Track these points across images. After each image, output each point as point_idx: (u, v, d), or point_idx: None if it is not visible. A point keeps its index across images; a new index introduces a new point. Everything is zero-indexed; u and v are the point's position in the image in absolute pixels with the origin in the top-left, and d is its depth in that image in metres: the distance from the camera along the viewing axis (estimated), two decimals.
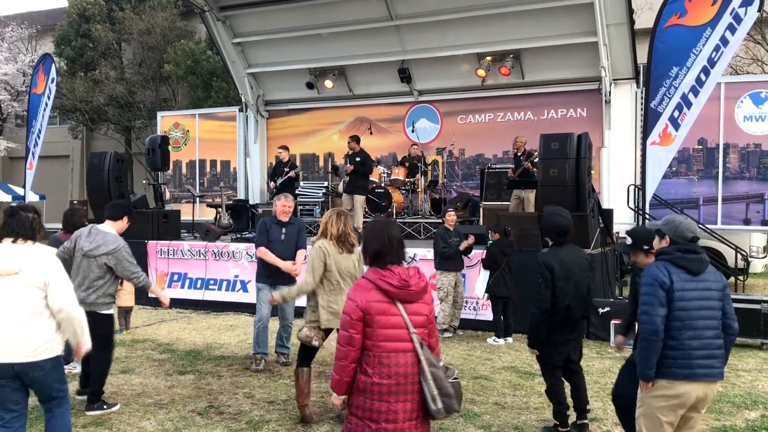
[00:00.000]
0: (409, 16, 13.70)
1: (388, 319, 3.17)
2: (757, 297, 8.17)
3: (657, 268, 3.68)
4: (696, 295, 3.61)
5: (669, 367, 3.59)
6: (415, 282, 3.23)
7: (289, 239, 6.79)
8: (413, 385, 3.16)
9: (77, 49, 25.27)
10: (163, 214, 11.89)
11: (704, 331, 3.59)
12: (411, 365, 3.16)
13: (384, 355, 3.16)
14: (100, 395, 5.59)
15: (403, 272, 3.25)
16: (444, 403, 3.14)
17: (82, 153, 28.53)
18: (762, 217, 11.81)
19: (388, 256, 3.27)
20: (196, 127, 16.82)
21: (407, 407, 3.15)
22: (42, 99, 13.86)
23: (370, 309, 3.16)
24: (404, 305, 3.20)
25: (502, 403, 5.81)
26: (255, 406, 5.72)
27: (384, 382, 3.14)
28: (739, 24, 8.36)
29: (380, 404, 3.15)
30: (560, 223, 4.91)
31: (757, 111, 11.76)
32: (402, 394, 3.15)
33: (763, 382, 6.52)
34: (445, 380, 3.17)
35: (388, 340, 3.17)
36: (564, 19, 12.54)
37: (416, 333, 3.18)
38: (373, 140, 14.72)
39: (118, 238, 5.57)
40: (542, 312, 4.76)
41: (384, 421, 3.14)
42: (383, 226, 3.39)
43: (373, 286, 3.21)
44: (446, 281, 8.41)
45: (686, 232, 3.74)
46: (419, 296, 3.24)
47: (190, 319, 9.84)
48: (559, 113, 13.85)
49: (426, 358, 3.17)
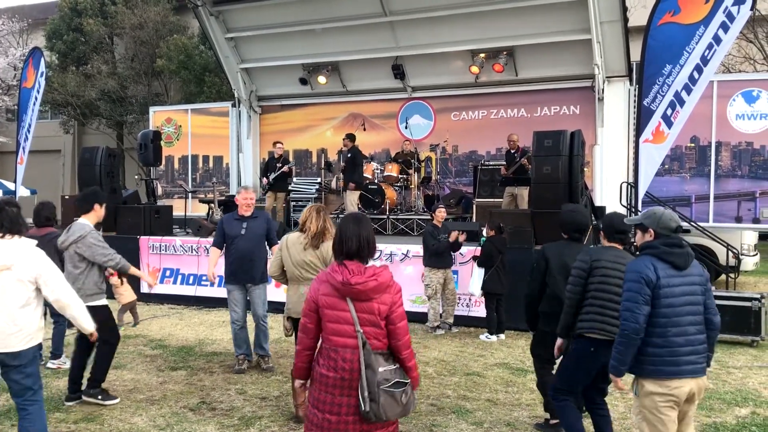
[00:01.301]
0: (403, 12, 13.67)
1: (336, 314, 3.22)
2: (747, 294, 8.21)
3: (643, 263, 3.57)
4: (681, 290, 3.52)
5: (656, 365, 3.52)
6: (361, 281, 3.19)
7: (252, 234, 6.51)
8: (358, 381, 3.16)
9: (69, 44, 25.11)
10: (155, 209, 11.84)
11: (688, 327, 3.52)
12: (357, 362, 3.16)
13: (332, 348, 3.22)
14: (100, 383, 5.61)
15: (356, 269, 3.23)
16: (371, 408, 3.11)
17: (73, 148, 28.39)
18: (753, 215, 11.87)
19: (343, 252, 3.30)
20: (189, 122, 16.74)
21: (351, 402, 3.17)
22: (32, 93, 13.76)
23: (319, 301, 3.26)
24: (354, 302, 3.20)
25: (495, 400, 5.82)
26: (247, 402, 5.71)
27: (330, 375, 3.20)
28: (732, 22, 8.38)
29: (326, 395, 3.21)
30: (579, 221, 4.93)
31: (749, 109, 11.81)
32: (347, 389, 3.17)
33: (753, 379, 6.56)
34: (376, 385, 3.13)
35: (336, 334, 3.21)
36: (558, 16, 12.54)
37: (362, 331, 3.17)
38: (366, 136, 14.68)
39: (84, 225, 5.55)
40: (528, 295, 4.95)
41: (328, 413, 3.19)
42: (343, 221, 3.42)
43: (326, 280, 3.29)
44: (434, 279, 8.40)
45: (669, 222, 3.64)
46: (367, 295, 3.19)
47: (182, 315, 9.81)
48: (552, 110, 13.86)
49: (364, 358, 3.15)
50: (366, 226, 3.37)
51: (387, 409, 3.13)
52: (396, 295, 3.28)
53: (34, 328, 4.00)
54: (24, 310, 3.93)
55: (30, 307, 3.97)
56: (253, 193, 6.81)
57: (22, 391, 4.01)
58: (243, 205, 6.59)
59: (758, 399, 5.90)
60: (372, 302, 3.20)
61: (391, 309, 3.23)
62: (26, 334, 3.94)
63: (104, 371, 5.64)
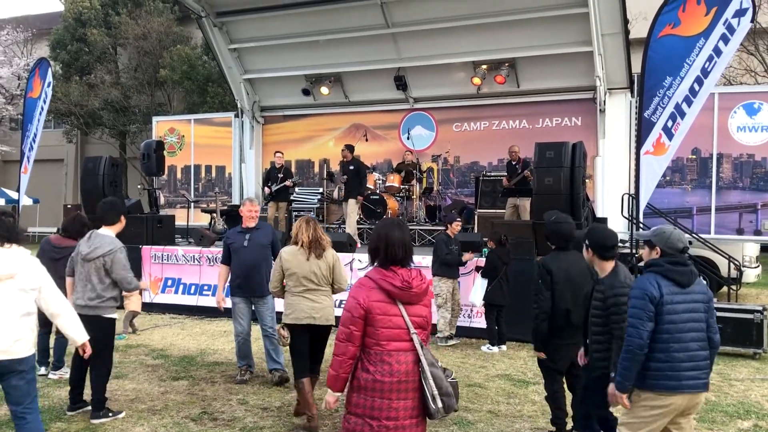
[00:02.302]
0: (406, 24, 13.75)
1: (389, 319, 3.23)
2: (750, 307, 8.19)
3: (647, 280, 3.66)
4: (684, 307, 3.61)
5: (657, 379, 3.60)
6: (417, 284, 3.28)
7: (255, 245, 6.46)
8: (414, 383, 3.22)
9: (73, 53, 25.26)
10: (158, 219, 11.86)
11: (691, 344, 3.60)
12: (412, 363, 3.22)
13: (386, 353, 3.22)
14: (104, 402, 5.54)
15: (406, 274, 3.29)
16: (444, 402, 3.20)
17: (76, 157, 28.48)
18: (755, 227, 11.88)
19: (391, 256, 3.31)
20: (192, 132, 16.81)
21: (408, 405, 3.21)
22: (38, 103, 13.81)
23: (372, 308, 3.23)
24: (405, 306, 3.26)
25: (496, 411, 5.81)
26: (249, 412, 5.70)
27: (386, 380, 3.20)
28: (732, 34, 8.41)
29: (381, 401, 3.20)
30: (562, 230, 4.99)
31: (750, 121, 11.85)
32: (403, 392, 3.21)
33: (755, 391, 6.54)
34: (445, 380, 3.23)
35: (390, 339, 3.23)
36: (559, 28, 12.61)
37: (416, 333, 3.24)
38: (368, 147, 14.74)
39: (115, 240, 5.58)
40: (542, 312, 4.82)
41: (385, 419, 3.19)
42: (386, 227, 3.42)
43: (376, 286, 3.26)
44: (444, 288, 8.40)
45: (677, 243, 3.72)
46: (420, 298, 3.29)
47: (183, 325, 9.81)
48: (554, 122, 13.91)
49: (426, 357, 3.23)
50: (407, 232, 3.44)
51: (456, 399, 3.27)
52: (430, 298, 3.43)
53: (33, 335, 4.10)
54: (25, 319, 3.99)
55: (32, 316, 4.05)
56: (258, 205, 6.75)
57: (22, 397, 4.03)
58: (247, 217, 6.55)
59: (761, 412, 5.89)
60: (420, 305, 3.30)
61: (430, 310, 3.39)
62: (27, 340, 4.01)
63: (104, 389, 5.56)
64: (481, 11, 12.90)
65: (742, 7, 8.34)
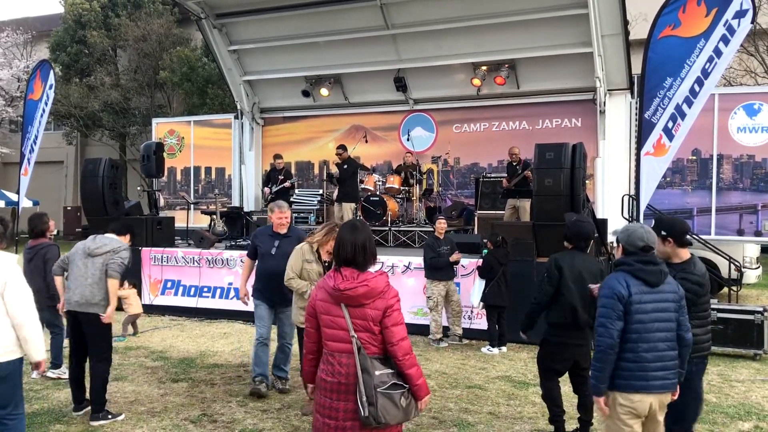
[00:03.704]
0: (405, 26, 13.75)
1: (332, 319, 3.27)
2: (750, 308, 8.18)
3: (616, 279, 3.66)
4: (653, 307, 3.60)
5: (626, 379, 3.60)
6: (350, 287, 3.22)
7: (282, 253, 6.08)
8: (355, 386, 3.18)
9: (72, 55, 25.28)
10: (158, 220, 11.86)
11: (658, 344, 3.59)
12: (354, 366, 3.19)
13: (329, 353, 3.28)
14: (104, 404, 5.52)
15: (349, 275, 3.26)
16: (370, 412, 3.12)
17: (76, 159, 28.49)
18: (755, 227, 11.87)
19: (340, 258, 3.36)
20: (191, 133, 16.81)
21: (348, 407, 3.20)
22: (39, 105, 13.79)
23: (316, 307, 3.34)
24: (348, 308, 3.24)
25: (497, 413, 5.80)
26: (248, 414, 5.69)
27: (328, 379, 3.25)
28: (732, 35, 8.40)
29: (325, 399, 3.26)
30: (585, 229, 5.07)
31: (750, 122, 11.84)
32: (344, 394, 3.20)
33: (756, 393, 6.53)
34: (374, 389, 3.14)
35: (333, 339, 3.27)
36: (559, 29, 12.60)
37: (356, 336, 3.20)
38: (368, 148, 14.73)
39: (121, 242, 5.74)
40: (538, 304, 4.96)
41: (327, 417, 3.24)
42: (342, 229, 3.46)
43: (322, 286, 3.36)
44: (435, 291, 8.40)
45: (637, 241, 3.70)
46: (358, 301, 3.22)
47: (183, 327, 9.79)
48: (554, 123, 13.90)
49: (360, 362, 3.18)
50: (362, 233, 3.37)
51: (386, 412, 3.14)
52: (391, 300, 3.28)
53: (10, 340, 3.86)
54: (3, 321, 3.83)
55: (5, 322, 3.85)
56: (288, 211, 6.46)
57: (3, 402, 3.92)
58: (277, 224, 6.35)
59: (761, 413, 5.87)
60: (365, 308, 3.23)
61: (385, 313, 3.24)
62: (5, 345, 3.84)
63: (104, 390, 5.54)
64: (481, 12, 12.89)
65: (742, 8, 8.33)
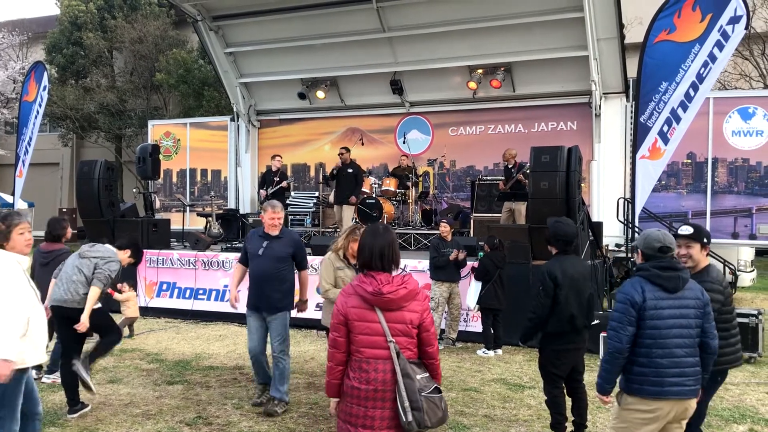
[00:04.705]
0: (402, 29, 13.75)
1: (366, 326, 3.20)
2: (745, 311, 8.21)
3: (632, 285, 3.65)
4: (671, 313, 3.56)
5: (641, 384, 3.58)
6: (392, 290, 3.20)
7: (270, 254, 5.81)
8: (392, 393, 3.16)
9: (68, 57, 25.23)
10: (153, 223, 11.85)
11: (676, 350, 3.55)
12: (390, 372, 3.15)
13: (364, 360, 3.19)
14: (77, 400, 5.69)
15: (385, 279, 3.23)
16: (414, 417, 3.10)
17: (71, 161, 28.43)
18: (750, 231, 11.90)
19: (370, 262, 3.30)
20: (187, 136, 16.78)
21: (385, 414, 3.15)
22: (33, 107, 13.78)
23: (348, 314, 3.23)
24: (384, 312, 3.20)
25: (492, 416, 5.81)
26: (244, 417, 5.69)
27: (362, 387, 3.17)
28: (726, 41, 8.45)
29: (358, 408, 3.18)
30: (567, 232, 4.99)
31: (745, 126, 11.88)
32: (380, 401, 3.16)
33: (750, 395, 6.55)
34: (418, 393, 3.13)
35: (368, 346, 3.19)
36: (555, 33, 12.63)
37: (393, 341, 3.17)
38: (364, 151, 14.74)
39: (116, 253, 5.83)
40: (537, 317, 4.88)
41: (361, 426, 3.17)
42: (369, 233, 3.41)
43: (354, 292, 3.26)
44: (438, 291, 8.41)
45: (653, 243, 3.67)
46: (398, 304, 3.20)
47: (178, 329, 9.78)
48: (549, 126, 13.92)
49: (401, 367, 3.15)
50: (387, 236, 3.37)
51: (431, 415, 3.14)
52: (425, 302, 3.30)
53: None
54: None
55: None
56: (281, 212, 6.00)
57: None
58: (269, 225, 5.93)
59: (756, 416, 5.90)
60: (402, 311, 3.21)
61: (422, 316, 3.25)
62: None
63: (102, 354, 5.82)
64: (477, 16, 12.91)
65: (736, 14, 8.39)
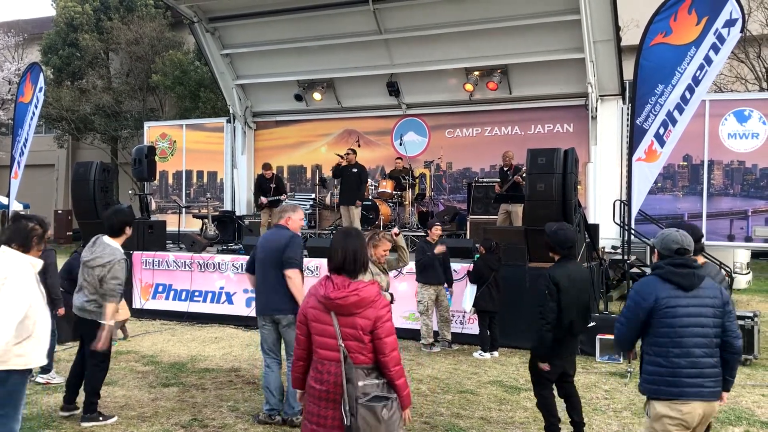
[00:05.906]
0: (398, 30, 13.77)
1: (322, 327, 3.27)
2: (740, 313, 8.20)
3: (646, 283, 3.63)
4: (686, 311, 3.48)
5: (658, 385, 3.50)
6: (341, 296, 3.20)
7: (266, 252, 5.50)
8: (341, 395, 3.17)
9: (64, 58, 25.19)
10: (149, 224, 11.81)
11: (694, 349, 3.45)
12: (341, 376, 3.18)
13: (319, 360, 3.27)
14: (96, 405, 5.52)
15: (340, 284, 3.25)
16: (351, 423, 3.10)
17: (67, 162, 28.37)
18: (745, 233, 11.92)
19: (331, 265, 3.36)
20: (183, 137, 16.76)
21: (336, 415, 3.18)
22: (29, 108, 13.74)
23: (307, 314, 3.33)
24: (338, 316, 3.22)
25: (488, 418, 5.80)
26: (239, 419, 5.67)
27: (317, 387, 3.24)
28: (722, 44, 8.49)
29: (313, 407, 3.26)
30: (568, 237, 4.96)
31: (741, 128, 11.91)
32: (332, 402, 3.20)
33: (746, 397, 6.56)
34: (355, 400, 3.11)
35: (322, 347, 3.26)
36: (551, 35, 12.65)
37: (343, 345, 3.18)
38: (361, 153, 14.66)
39: (116, 251, 5.45)
40: (548, 323, 4.74)
41: (315, 424, 3.24)
42: (335, 236, 3.48)
43: (314, 293, 3.34)
44: (426, 295, 8.40)
45: (671, 244, 3.63)
46: (349, 310, 3.20)
47: (174, 331, 9.75)
48: (546, 128, 13.93)
49: (345, 372, 3.16)
50: (354, 240, 3.38)
51: (366, 424, 3.10)
52: (382, 310, 3.25)
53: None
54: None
55: None
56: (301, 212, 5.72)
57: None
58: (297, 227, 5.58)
59: (751, 418, 5.90)
60: (354, 317, 3.21)
61: (375, 324, 3.21)
62: None
63: (97, 394, 5.55)
64: (474, 18, 12.93)
65: (732, 17, 8.43)
